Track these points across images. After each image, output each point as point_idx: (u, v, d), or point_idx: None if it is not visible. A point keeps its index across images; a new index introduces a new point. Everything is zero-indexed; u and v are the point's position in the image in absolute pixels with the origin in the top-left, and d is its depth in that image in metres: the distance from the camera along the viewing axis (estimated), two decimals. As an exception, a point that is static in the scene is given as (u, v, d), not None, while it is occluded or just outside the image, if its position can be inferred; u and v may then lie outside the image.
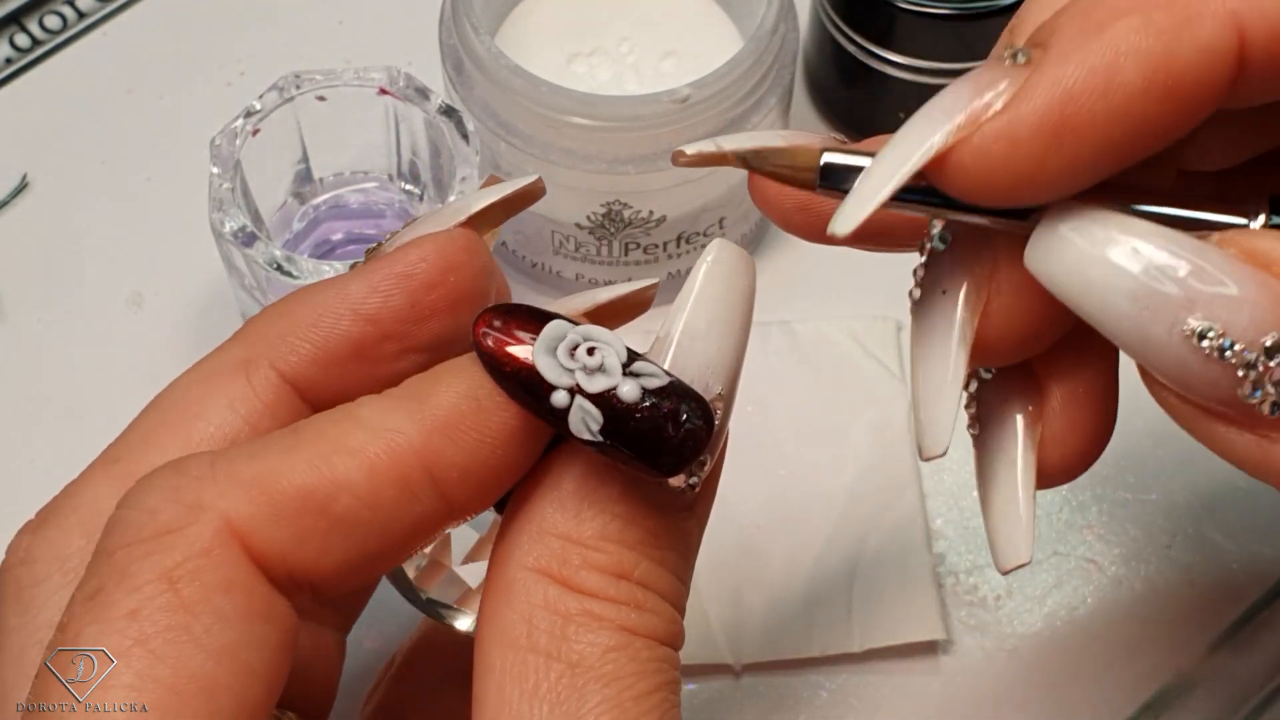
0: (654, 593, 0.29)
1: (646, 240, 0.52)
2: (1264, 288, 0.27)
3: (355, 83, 0.49)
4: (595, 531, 0.29)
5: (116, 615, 0.27)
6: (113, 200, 0.57)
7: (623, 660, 0.28)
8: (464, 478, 0.29)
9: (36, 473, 0.51)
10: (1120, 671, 0.49)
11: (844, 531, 0.50)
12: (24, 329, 0.54)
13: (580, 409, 0.28)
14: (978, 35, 0.53)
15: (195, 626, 0.27)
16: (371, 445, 0.28)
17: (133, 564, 0.27)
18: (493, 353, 0.28)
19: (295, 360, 0.31)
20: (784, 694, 0.48)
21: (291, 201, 0.52)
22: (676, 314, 0.29)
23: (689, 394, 0.28)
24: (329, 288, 0.32)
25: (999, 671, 0.49)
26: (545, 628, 0.28)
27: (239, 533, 0.27)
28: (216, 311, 0.54)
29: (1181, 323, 0.27)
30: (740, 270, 0.30)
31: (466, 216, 0.33)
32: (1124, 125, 0.27)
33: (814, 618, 0.48)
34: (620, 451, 0.28)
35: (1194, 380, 0.27)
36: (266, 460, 0.28)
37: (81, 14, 0.60)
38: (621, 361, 0.28)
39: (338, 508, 0.28)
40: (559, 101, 0.48)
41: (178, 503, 0.27)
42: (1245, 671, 0.49)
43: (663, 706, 0.28)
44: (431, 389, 0.29)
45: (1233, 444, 0.28)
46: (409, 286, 0.31)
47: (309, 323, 0.31)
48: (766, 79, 0.50)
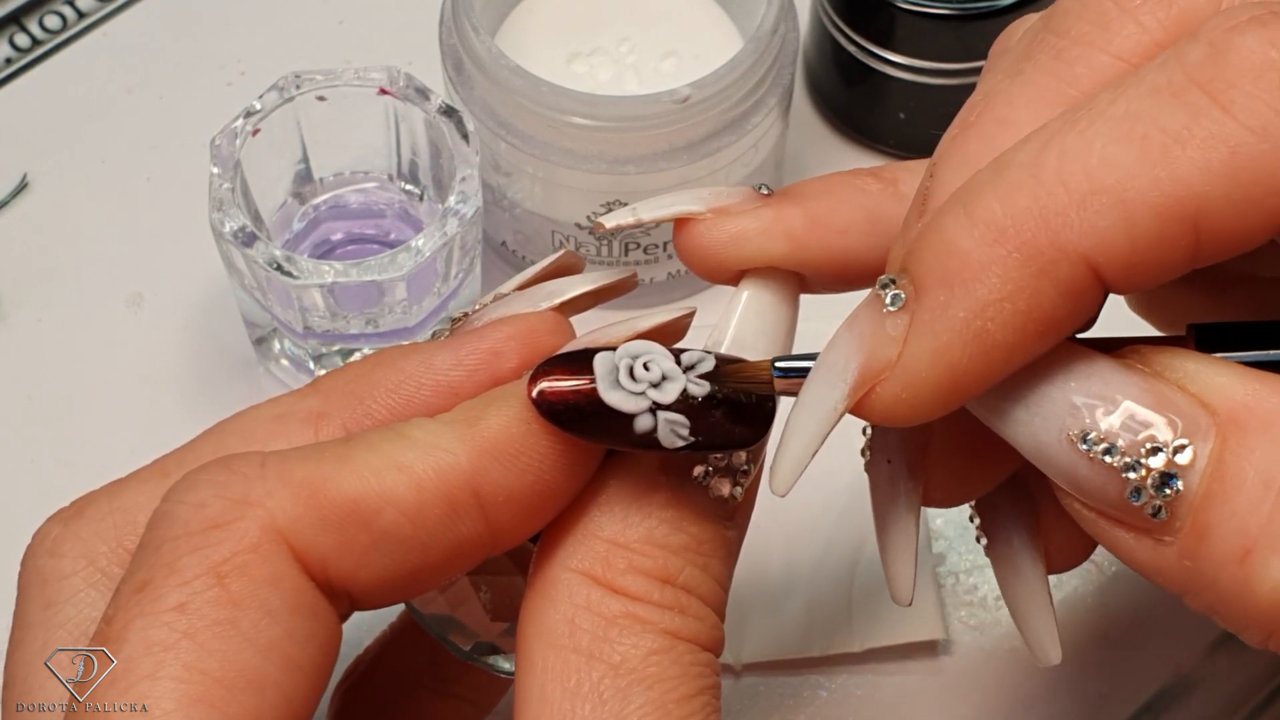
0: (696, 598, 0.29)
1: (646, 240, 0.52)
2: (1146, 392, 0.27)
3: (355, 83, 0.49)
4: (641, 536, 0.29)
5: (164, 608, 0.27)
6: (113, 200, 0.57)
7: (666, 663, 0.28)
8: (510, 502, 0.29)
9: (37, 472, 0.51)
10: (1120, 672, 0.49)
11: (844, 532, 0.50)
12: (24, 329, 0.54)
13: (666, 423, 0.28)
14: (978, 35, 0.53)
15: (243, 621, 0.27)
16: (421, 463, 0.28)
17: (181, 557, 0.27)
18: (561, 407, 0.28)
19: (369, 423, 0.31)
20: (784, 694, 0.48)
21: (291, 201, 0.52)
22: (725, 325, 0.31)
23: (735, 361, 0.29)
24: (414, 355, 0.32)
25: (999, 671, 0.49)
26: (588, 628, 0.28)
27: (283, 533, 0.27)
28: (216, 311, 0.54)
29: (1068, 428, 0.28)
30: (785, 288, 0.32)
31: (560, 302, 0.33)
32: (1009, 366, 0.28)
33: (814, 618, 0.48)
34: (711, 443, 0.29)
35: (1085, 485, 0.28)
36: (317, 466, 0.28)
37: (81, 14, 0.60)
38: (673, 361, 0.29)
39: (382, 521, 0.28)
40: (559, 101, 0.48)
41: (225, 498, 0.28)
42: (1245, 671, 0.49)
43: (705, 710, 0.29)
44: (482, 413, 0.29)
45: (1131, 549, 0.28)
46: (495, 365, 0.31)
47: (389, 387, 0.31)
48: (766, 79, 0.50)
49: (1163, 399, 0.27)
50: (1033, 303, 0.27)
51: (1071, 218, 0.27)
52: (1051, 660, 0.34)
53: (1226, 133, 0.26)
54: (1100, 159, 0.27)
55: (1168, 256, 0.27)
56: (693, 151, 0.49)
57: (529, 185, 0.51)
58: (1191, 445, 0.27)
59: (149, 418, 0.52)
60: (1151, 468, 0.27)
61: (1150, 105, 0.27)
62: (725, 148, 0.50)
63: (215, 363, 0.54)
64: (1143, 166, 0.26)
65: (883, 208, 0.32)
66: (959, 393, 0.28)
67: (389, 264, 0.46)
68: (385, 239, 0.53)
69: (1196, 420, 0.27)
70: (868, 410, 0.29)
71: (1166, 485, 0.27)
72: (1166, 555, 0.28)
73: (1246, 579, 0.26)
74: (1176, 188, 0.26)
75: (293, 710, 0.27)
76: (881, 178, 0.33)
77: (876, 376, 0.28)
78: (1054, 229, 0.27)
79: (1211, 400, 0.27)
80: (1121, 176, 0.26)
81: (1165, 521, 0.27)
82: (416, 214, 0.52)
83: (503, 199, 0.52)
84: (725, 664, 0.48)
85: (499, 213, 0.53)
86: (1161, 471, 0.27)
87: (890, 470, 0.33)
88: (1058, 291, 0.27)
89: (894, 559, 0.33)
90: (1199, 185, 0.26)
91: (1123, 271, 0.27)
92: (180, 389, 0.53)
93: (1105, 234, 0.26)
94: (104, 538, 0.30)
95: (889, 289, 0.28)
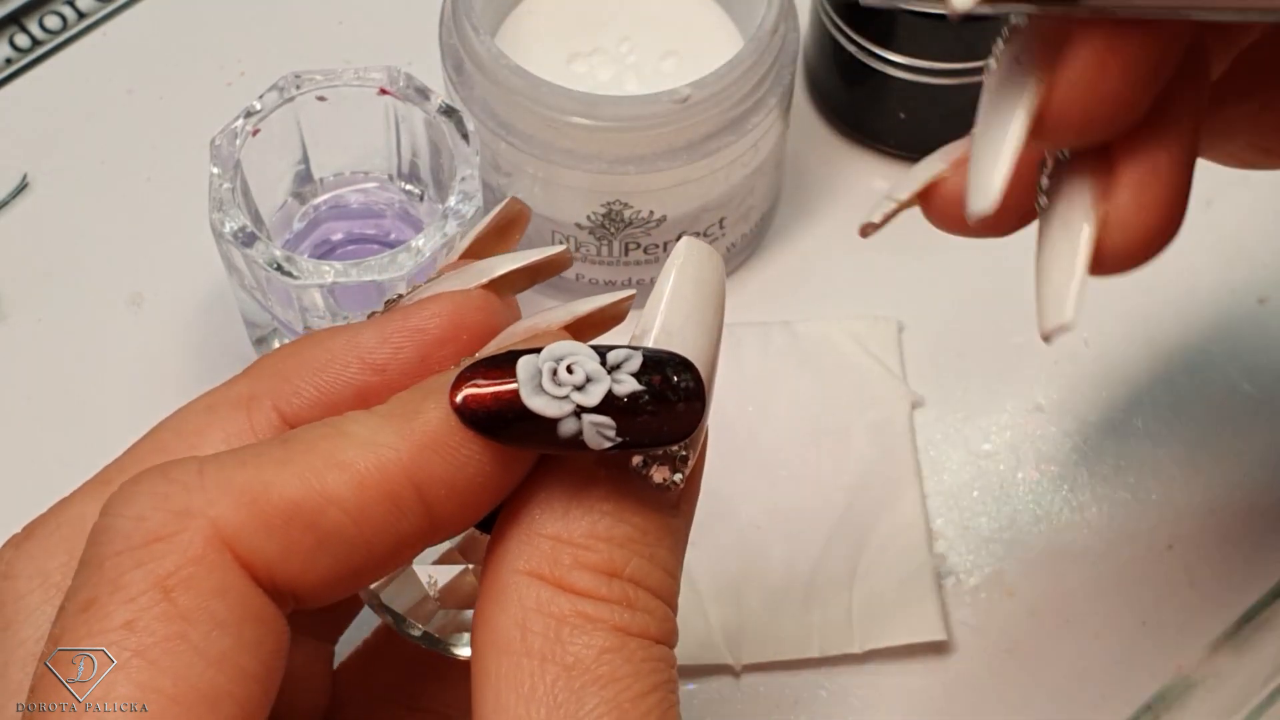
0: (646, 590, 0.29)
1: (646, 240, 0.52)
2: None
3: (355, 83, 0.49)
4: (584, 530, 0.29)
5: (112, 627, 0.26)
6: (113, 200, 0.57)
7: (618, 661, 0.28)
8: (451, 494, 0.28)
9: (36, 473, 0.51)
10: (1120, 671, 0.49)
11: (844, 532, 0.50)
12: (24, 329, 0.54)
13: (591, 425, 0.28)
14: (978, 35, 0.53)
15: (193, 635, 0.26)
16: (361, 460, 0.28)
17: (125, 573, 0.27)
18: (483, 414, 0.28)
19: (298, 402, 0.31)
20: (784, 694, 0.48)
21: (291, 201, 0.52)
22: (651, 313, 0.29)
23: (664, 357, 0.28)
24: (341, 334, 0.32)
25: (999, 672, 0.49)
26: (539, 630, 0.28)
27: (227, 542, 0.27)
28: (216, 311, 0.54)
29: None
30: (710, 267, 0.30)
31: (489, 279, 0.33)
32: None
33: (814, 618, 0.48)
34: (639, 441, 0.28)
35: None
36: (257, 470, 0.28)
37: (81, 14, 0.60)
38: (597, 362, 0.28)
39: (326, 522, 0.28)
40: (559, 101, 0.48)
41: (165, 510, 0.27)
42: (1245, 671, 0.49)
43: (661, 706, 0.28)
44: (420, 405, 0.29)
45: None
46: (420, 341, 0.31)
47: (316, 366, 0.31)
48: (767, 79, 0.50)
49: None
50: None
51: None
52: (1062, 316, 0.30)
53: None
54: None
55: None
56: (693, 151, 0.49)
57: (529, 185, 0.51)
58: None
59: (149, 418, 0.52)
60: None
61: None
62: (725, 148, 0.50)
63: (215, 363, 0.54)
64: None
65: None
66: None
67: (389, 264, 0.46)
68: (385, 239, 0.53)
69: None
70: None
71: None
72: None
73: None
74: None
75: (248, 719, 0.27)
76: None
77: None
78: None
79: None
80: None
81: None
82: (416, 214, 0.52)
83: (503, 199, 0.52)
84: (725, 664, 0.48)
85: (499, 213, 0.53)
86: None
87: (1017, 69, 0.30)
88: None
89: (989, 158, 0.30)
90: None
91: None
92: (180, 389, 0.53)
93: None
94: (54, 554, 0.30)
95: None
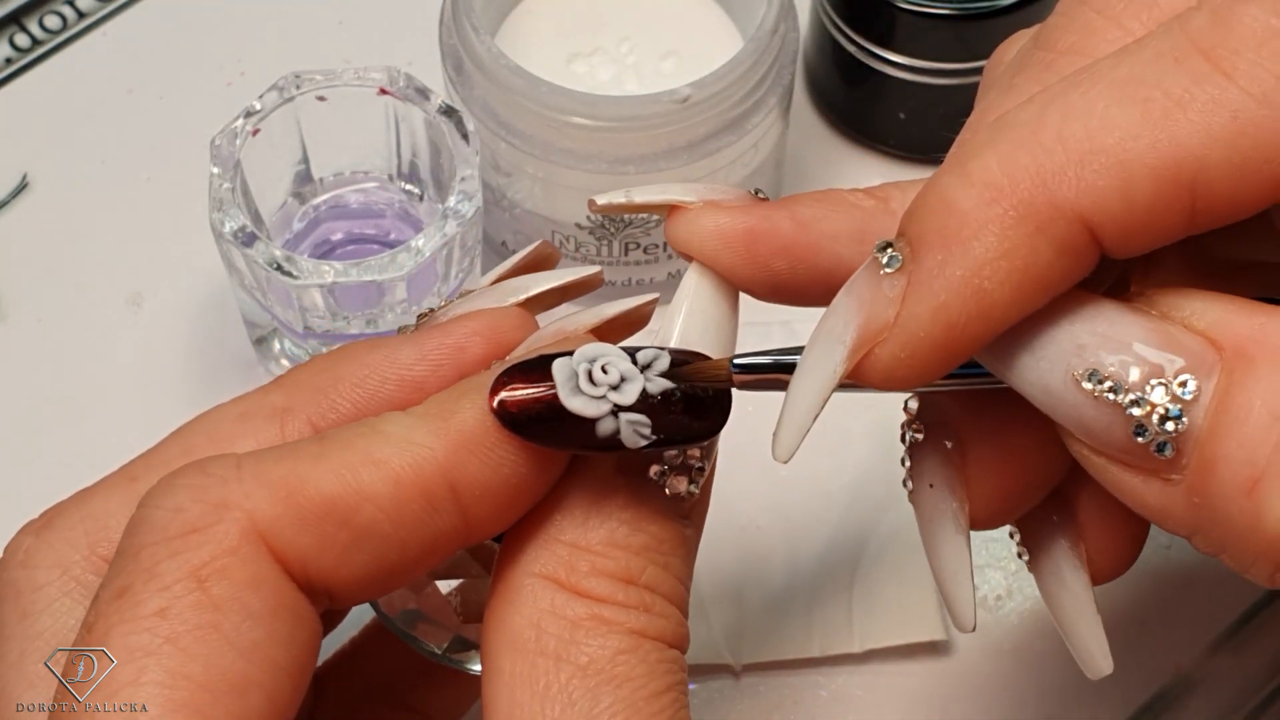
0: (660, 596, 0.30)
1: (646, 240, 0.52)
2: (1150, 331, 0.27)
3: (355, 83, 0.49)
4: (602, 538, 0.29)
5: (145, 614, 0.27)
6: (113, 200, 0.57)
7: (633, 662, 0.28)
8: (486, 495, 0.29)
9: (36, 472, 0.51)
10: (1120, 671, 0.49)
11: (844, 532, 0.50)
12: (24, 329, 0.54)
13: (629, 423, 0.28)
14: (977, 35, 0.53)
15: (225, 624, 0.27)
16: (397, 458, 0.28)
17: (160, 562, 0.27)
18: (523, 416, 0.28)
19: (334, 417, 0.31)
20: (784, 694, 0.48)
21: (291, 201, 0.52)
22: (671, 322, 0.30)
23: (690, 356, 0.29)
24: (378, 349, 0.32)
25: (999, 671, 0.49)
26: (554, 632, 0.28)
27: (263, 535, 0.27)
28: (216, 311, 0.54)
29: (1073, 368, 0.27)
30: (728, 285, 0.31)
31: (524, 298, 0.33)
32: (1005, 324, 0.28)
33: (814, 618, 0.48)
34: (672, 439, 0.29)
35: (1091, 426, 0.28)
36: (293, 465, 0.28)
37: (81, 14, 0.60)
38: (629, 362, 0.29)
39: (361, 519, 0.28)
40: (559, 101, 0.48)
41: (203, 501, 0.28)
42: (1245, 671, 0.49)
43: (673, 707, 0.29)
44: (455, 405, 0.29)
45: (1140, 493, 0.28)
46: (459, 359, 0.31)
47: (354, 382, 0.31)
48: (766, 79, 0.50)
49: (1167, 336, 0.27)
50: (1029, 261, 0.27)
51: (1070, 177, 0.27)
52: (1103, 670, 0.34)
53: (1228, 98, 0.26)
54: (1101, 120, 0.27)
55: (1164, 219, 0.27)
56: (693, 151, 0.49)
57: (529, 185, 0.51)
58: (1196, 379, 0.27)
59: (149, 418, 0.52)
60: (1156, 403, 0.27)
61: (1153, 69, 0.27)
62: (725, 148, 0.50)
63: (215, 363, 0.54)
64: (1143, 128, 0.26)
65: (872, 222, 0.32)
66: (957, 351, 0.28)
67: (389, 264, 0.46)
68: (385, 239, 0.53)
69: (1202, 356, 0.27)
70: (868, 372, 0.29)
71: (1172, 420, 0.27)
72: (1174, 495, 0.28)
73: (1256, 510, 0.26)
74: (1175, 150, 0.26)
75: (277, 712, 0.27)
76: (874, 195, 0.33)
77: (875, 337, 0.28)
78: (1051, 187, 0.27)
79: (1217, 335, 0.27)
80: (1121, 137, 0.27)
81: (1172, 459, 0.27)
82: (416, 214, 0.52)
83: (503, 199, 0.52)
84: (725, 664, 0.48)
85: (499, 213, 0.53)
86: (1166, 406, 0.27)
87: (934, 494, 0.33)
88: (1054, 250, 0.27)
89: (951, 584, 0.33)
90: (1198, 149, 0.26)
91: (1119, 232, 0.27)
92: (180, 389, 0.53)
93: (1103, 194, 0.27)
94: (76, 546, 0.30)
95: (886, 250, 0.28)
